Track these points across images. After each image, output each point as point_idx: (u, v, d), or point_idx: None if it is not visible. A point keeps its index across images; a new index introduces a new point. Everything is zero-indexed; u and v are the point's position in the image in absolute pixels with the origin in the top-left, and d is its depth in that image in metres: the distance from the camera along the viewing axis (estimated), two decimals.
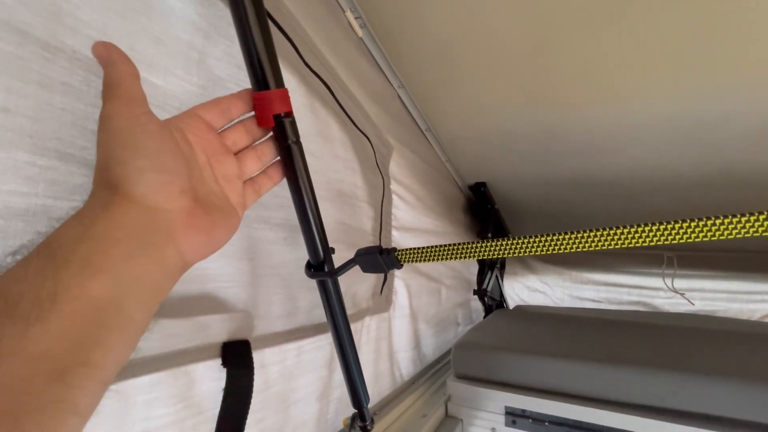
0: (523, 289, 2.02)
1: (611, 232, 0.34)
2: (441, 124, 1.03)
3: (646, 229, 0.33)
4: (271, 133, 0.37)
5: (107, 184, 0.23)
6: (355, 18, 0.67)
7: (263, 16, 0.37)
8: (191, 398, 0.35)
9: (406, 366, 0.82)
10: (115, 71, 0.26)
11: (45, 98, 0.25)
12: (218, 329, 0.38)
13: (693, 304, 1.70)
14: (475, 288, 1.47)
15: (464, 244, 0.40)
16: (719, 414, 0.63)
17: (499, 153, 1.17)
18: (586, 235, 0.34)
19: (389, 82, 0.82)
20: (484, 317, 1.46)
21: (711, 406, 0.63)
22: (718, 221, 0.31)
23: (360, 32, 0.69)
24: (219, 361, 0.37)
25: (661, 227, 0.33)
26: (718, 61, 0.66)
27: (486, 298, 1.51)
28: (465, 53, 0.74)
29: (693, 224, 0.32)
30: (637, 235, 0.34)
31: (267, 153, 0.37)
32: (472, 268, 1.55)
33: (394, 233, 0.81)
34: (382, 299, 0.72)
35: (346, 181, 0.63)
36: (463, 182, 1.40)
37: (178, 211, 0.26)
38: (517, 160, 1.20)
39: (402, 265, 0.41)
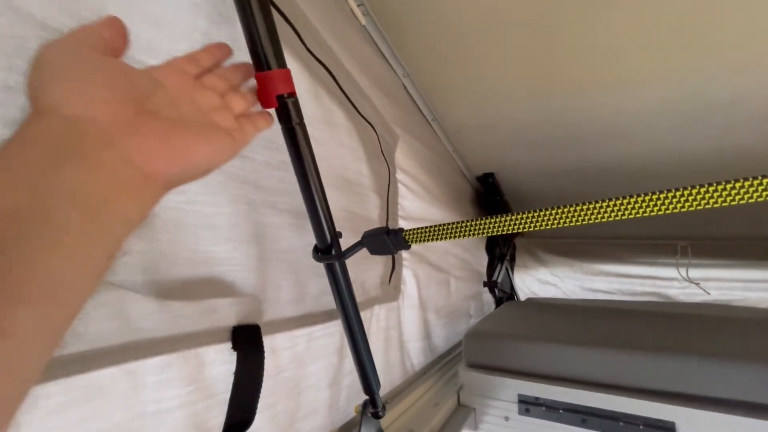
0: (533, 282, 2.00)
1: (624, 201, 0.33)
2: (447, 114, 1.02)
3: (659, 196, 0.32)
4: (252, 81, 0.36)
5: (31, 109, 0.22)
6: (358, 5, 0.67)
7: (267, 2, 0.37)
8: (202, 381, 0.35)
9: (416, 356, 0.81)
10: (83, 26, 0.25)
11: None
12: (227, 313, 0.38)
13: (709, 294, 1.66)
14: (485, 280, 1.46)
15: (471, 220, 0.39)
16: (734, 397, 0.61)
17: (507, 142, 1.15)
18: (598, 206, 0.33)
19: (393, 70, 0.82)
20: (495, 309, 1.45)
21: (726, 389, 0.61)
22: (728, 185, 0.30)
23: (363, 20, 0.69)
24: (229, 344, 0.37)
25: (677, 193, 0.32)
26: (726, 41, 0.65)
27: (496, 290, 1.49)
28: (471, 40, 0.73)
29: (705, 189, 0.31)
30: (649, 203, 0.33)
31: (251, 97, 0.35)
32: (482, 260, 1.54)
33: (401, 222, 0.80)
34: (391, 288, 0.72)
35: (352, 169, 0.63)
36: (470, 173, 1.39)
37: (110, 118, 0.23)
38: (526, 149, 1.19)
39: (410, 246, 0.41)
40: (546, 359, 0.73)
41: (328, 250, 0.42)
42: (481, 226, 0.37)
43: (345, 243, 0.45)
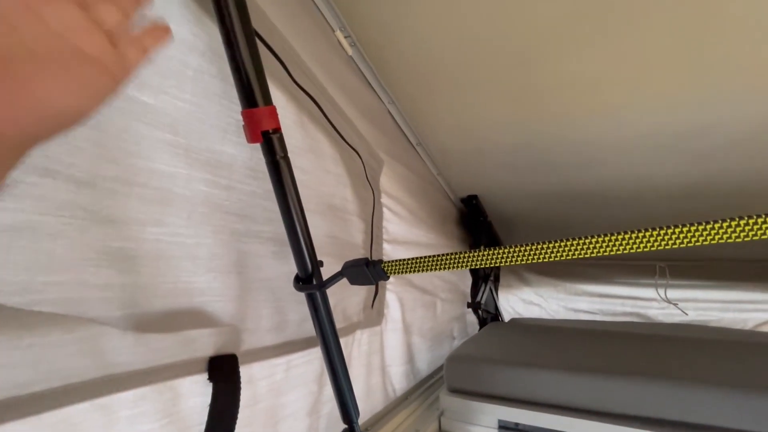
0: (518, 302, 2.02)
1: (602, 239, 0.35)
2: (431, 138, 1.05)
3: (637, 235, 0.34)
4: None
5: None
6: (345, 37, 0.69)
7: (251, 36, 0.39)
8: (176, 413, 0.35)
9: (398, 380, 0.81)
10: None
11: None
12: (205, 343, 0.38)
13: (686, 314, 1.70)
14: (469, 301, 1.47)
15: (451, 254, 0.40)
16: (712, 423, 0.63)
17: (490, 166, 1.19)
18: (576, 243, 0.35)
19: (380, 98, 0.84)
20: (479, 330, 1.46)
21: (704, 415, 0.63)
22: (708, 226, 0.32)
23: (350, 50, 0.71)
24: (205, 375, 0.37)
25: (654, 233, 0.34)
26: (697, 75, 0.69)
27: (480, 311, 1.50)
28: (453, 69, 0.76)
29: (683, 229, 0.33)
30: (627, 243, 0.35)
31: (130, 4, 0.26)
32: (467, 280, 1.55)
33: (386, 246, 0.81)
34: (374, 313, 0.72)
35: (337, 195, 0.64)
36: (455, 195, 1.41)
37: None
38: (508, 173, 1.22)
39: (389, 277, 0.42)
40: (526, 384, 0.73)
41: (309, 280, 0.43)
42: (461, 260, 0.39)
43: (328, 269, 0.46)
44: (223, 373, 0.38)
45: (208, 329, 0.38)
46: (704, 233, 0.32)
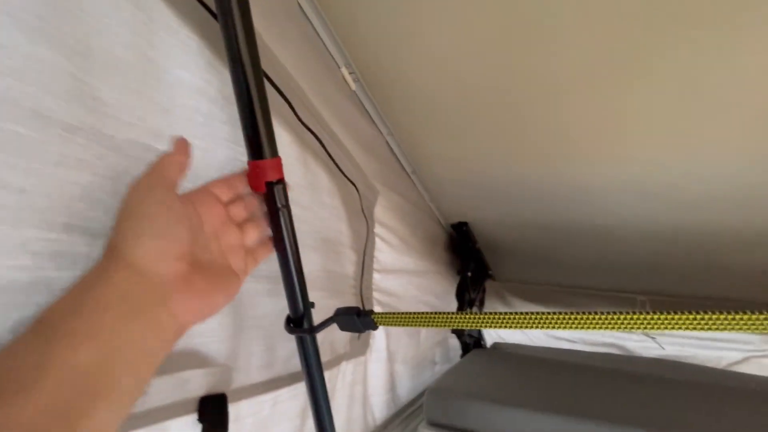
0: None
1: (583, 316, 0.36)
2: (426, 168, 1.08)
3: (623, 317, 0.35)
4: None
5: (108, 251, 0.26)
6: (350, 73, 0.72)
7: (262, 89, 0.40)
8: None
9: (379, 410, 0.83)
10: (164, 156, 0.31)
11: (60, 175, 0.28)
12: (198, 384, 0.39)
13: (663, 349, 1.75)
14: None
15: (441, 313, 0.42)
16: None
17: (481, 196, 1.22)
18: (564, 317, 0.36)
19: (379, 130, 0.87)
20: (462, 356, 1.48)
21: None
22: (699, 316, 0.33)
23: (353, 86, 0.74)
24: (195, 416, 0.38)
25: (639, 316, 0.35)
26: (685, 133, 0.73)
27: (464, 337, 1.53)
28: (449, 107, 0.79)
29: (669, 317, 0.34)
30: (610, 322, 0.36)
31: (264, 224, 0.40)
32: (452, 305, 1.58)
33: (376, 276, 0.83)
34: (360, 343, 0.74)
35: (332, 229, 0.66)
36: (445, 221, 1.44)
37: (173, 275, 0.27)
38: (499, 204, 1.25)
39: (377, 327, 0.43)
40: (504, 422, 0.75)
41: (300, 323, 0.44)
42: (449, 320, 0.41)
43: (321, 303, 0.48)
44: (212, 412, 0.39)
45: (201, 369, 0.39)
46: (686, 322, 0.33)
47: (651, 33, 0.54)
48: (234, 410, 0.42)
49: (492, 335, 2.08)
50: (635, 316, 0.33)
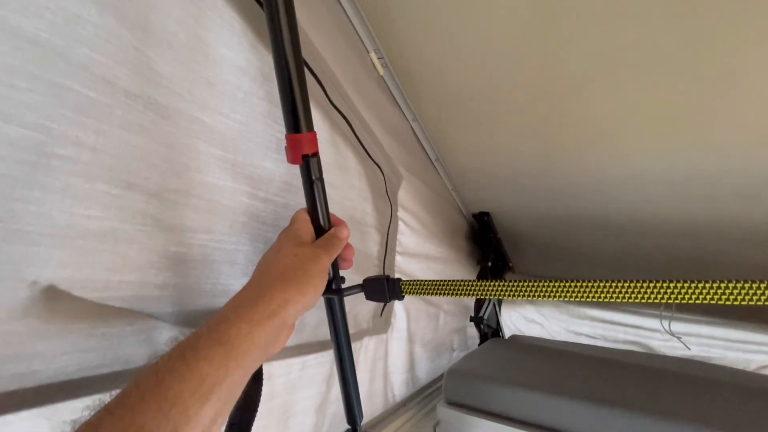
0: (520, 319, 2.03)
1: (606, 284, 0.38)
2: (450, 156, 1.09)
3: (643, 285, 0.36)
4: None
5: (274, 306, 0.32)
6: (378, 58, 0.74)
7: (301, 67, 0.43)
8: None
9: (399, 387, 0.85)
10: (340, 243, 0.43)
11: (123, 138, 0.31)
12: None
13: (689, 349, 1.70)
14: (472, 315, 1.49)
15: (464, 282, 0.44)
16: None
17: (504, 187, 1.22)
18: (582, 285, 0.38)
19: (404, 116, 0.88)
20: (479, 344, 1.48)
21: None
22: (714, 285, 0.34)
23: (381, 71, 0.75)
24: None
25: (658, 285, 0.36)
26: (708, 123, 0.72)
27: (482, 326, 1.53)
28: (476, 98, 0.80)
29: (686, 285, 0.35)
30: (630, 291, 0.37)
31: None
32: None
33: (398, 258, 0.85)
34: (382, 321, 0.76)
35: (358, 209, 0.68)
36: (467, 210, 1.44)
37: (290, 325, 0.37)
38: (521, 195, 1.25)
39: (403, 297, 0.45)
40: (521, 404, 0.76)
41: (329, 285, 0.47)
42: (472, 288, 0.42)
43: (346, 277, 0.50)
44: None
45: None
46: (709, 291, 0.34)
47: (676, 26, 0.53)
48: (267, 368, 0.45)
49: (511, 328, 2.07)
50: (663, 284, 0.34)
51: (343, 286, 0.47)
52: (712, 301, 0.34)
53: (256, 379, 0.41)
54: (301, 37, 0.55)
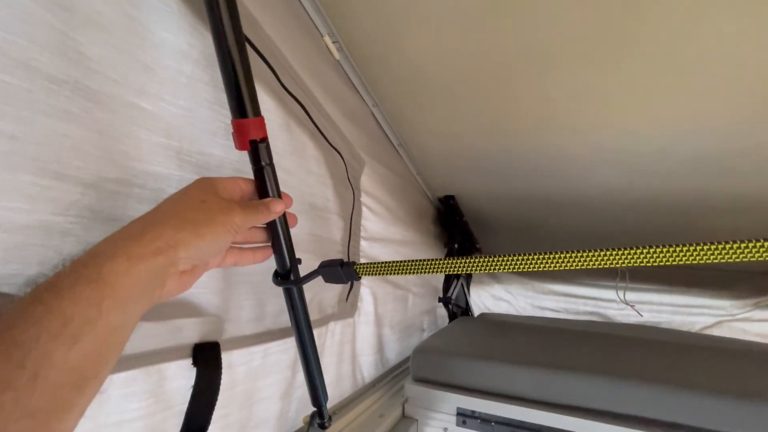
0: (488, 298, 2.12)
1: (564, 255, 0.40)
2: (413, 141, 1.09)
3: (599, 254, 0.39)
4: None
5: (161, 243, 0.29)
6: (333, 42, 0.72)
7: (243, 49, 0.41)
8: (162, 394, 0.39)
9: (367, 369, 0.87)
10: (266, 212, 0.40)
11: (49, 125, 0.29)
12: (191, 331, 0.42)
13: (641, 316, 1.85)
14: (440, 296, 1.53)
15: (419, 261, 0.45)
16: (643, 415, 0.70)
17: (468, 169, 1.24)
18: (541, 257, 0.40)
19: (364, 101, 0.88)
20: (448, 324, 1.53)
21: (644, 409, 0.71)
22: (664, 249, 0.37)
23: (337, 55, 0.74)
24: (190, 360, 0.41)
25: (613, 252, 0.39)
26: (659, 106, 0.76)
27: (451, 306, 1.58)
28: (435, 80, 0.80)
29: (638, 251, 0.38)
30: (588, 259, 0.39)
31: (258, 235, 0.44)
32: (440, 276, 1.62)
33: (363, 243, 0.86)
34: (348, 305, 0.77)
35: (318, 195, 0.68)
36: (433, 194, 1.47)
37: (180, 272, 0.32)
38: (485, 177, 1.28)
39: (360, 278, 0.46)
40: (484, 376, 0.80)
41: (287, 276, 0.47)
42: (428, 266, 0.43)
43: (308, 265, 0.50)
44: (206, 358, 0.42)
45: (194, 318, 0.42)
46: (660, 255, 0.37)
47: (632, 8, 0.55)
48: (227, 358, 0.45)
49: (479, 306, 2.15)
50: (617, 252, 0.37)
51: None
52: (658, 263, 0.36)
53: (211, 368, 0.41)
54: (250, 20, 0.53)
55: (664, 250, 0.37)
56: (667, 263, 0.37)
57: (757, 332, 1.70)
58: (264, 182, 0.43)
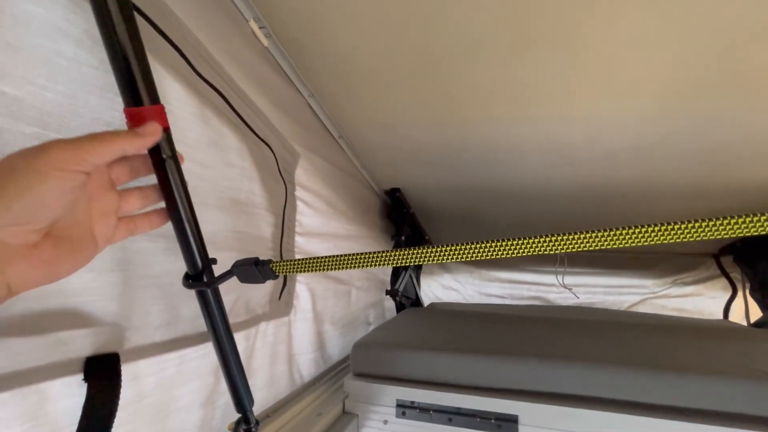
0: (438, 288, 2.17)
1: (507, 243, 0.40)
2: (353, 133, 1.07)
3: (539, 240, 0.39)
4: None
5: None
6: (260, 27, 0.68)
7: (133, 26, 0.37)
8: (44, 416, 0.34)
9: (307, 367, 0.85)
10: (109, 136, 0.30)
11: None
12: (81, 344, 0.37)
13: (578, 298, 1.99)
14: (388, 288, 1.54)
15: (349, 255, 0.43)
16: (568, 392, 0.75)
17: (411, 161, 1.24)
18: (483, 245, 0.40)
19: (298, 91, 0.84)
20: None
21: (559, 385, 0.75)
22: (598, 233, 0.38)
23: (265, 41, 0.70)
24: (80, 376, 0.37)
25: (553, 238, 0.39)
26: (581, 94, 0.79)
27: (398, 298, 1.59)
28: (369, 70, 0.78)
29: (574, 236, 0.39)
30: (530, 246, 0.40)
31: (152, 196, 0.38)
32: (387, 268, 1.63)
33: (299, 239, 0.83)
34: (281, 304, 0.74)
35: (242, 189, 0.64)
36: (379, 187, 1.46)
37: (21, 246, 0.26)
38: (428, 168, 1.29)
39: (277, 276, 0.44)
40: (423, 366, 0.81)
41: (199, 278, 0.44)
42: (353, 261, 0.42)
43: (230, 262, 0.47)
44: (101, 372, 0.38)
45: (84, 329, 0.38)
46: (595, 239, 0.38)
47: (553, 3, 0.57)
48: (131, 369, 0.41)
49: (430, 296, 2.20)
50: (556, 238, 0.37)
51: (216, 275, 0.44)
52: (593, 247, 0.38)
53: (106, 381, 0.38)
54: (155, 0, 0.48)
55: (599, 234, 0.38)
56: (601, 247, 0.39)
57: (674, 307, 1.89)
58: (166, 177, 0.40)
